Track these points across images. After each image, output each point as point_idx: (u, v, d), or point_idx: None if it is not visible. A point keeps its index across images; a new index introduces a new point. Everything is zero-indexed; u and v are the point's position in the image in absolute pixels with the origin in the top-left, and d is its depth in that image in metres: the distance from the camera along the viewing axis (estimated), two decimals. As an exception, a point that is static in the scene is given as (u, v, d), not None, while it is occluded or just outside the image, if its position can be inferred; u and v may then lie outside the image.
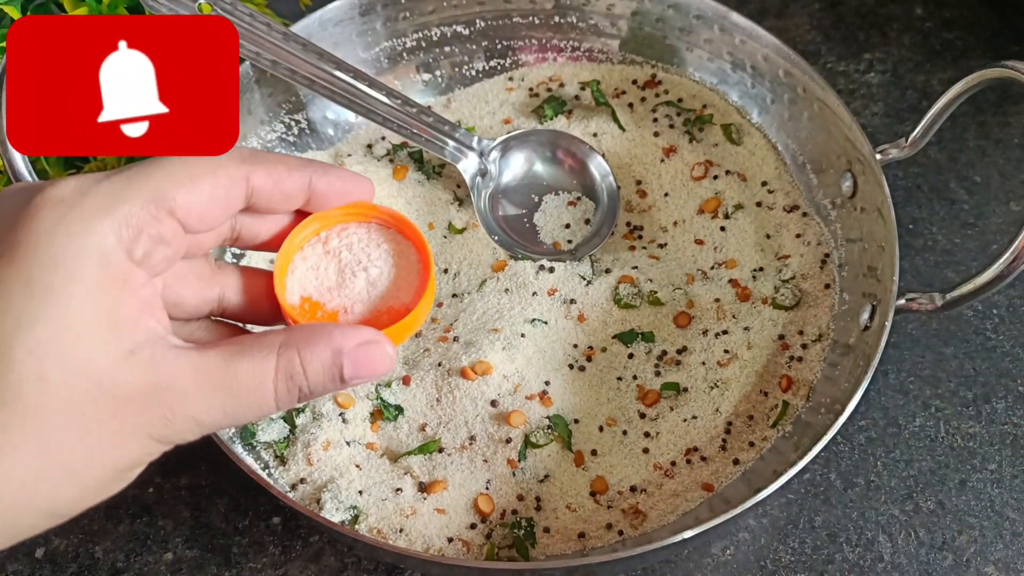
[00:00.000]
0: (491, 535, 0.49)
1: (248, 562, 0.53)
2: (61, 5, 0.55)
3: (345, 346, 0.32)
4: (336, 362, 0.32)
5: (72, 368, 0.29)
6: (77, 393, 0.29)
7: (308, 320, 0.36)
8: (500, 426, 0.50)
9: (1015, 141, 0.67)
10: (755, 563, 0.52)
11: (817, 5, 0.74)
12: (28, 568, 0.53)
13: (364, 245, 0.37)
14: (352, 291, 0.36)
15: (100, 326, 0.29)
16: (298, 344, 0.32)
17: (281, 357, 0.31)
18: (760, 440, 0.51)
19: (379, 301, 0.37)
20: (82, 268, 0.29)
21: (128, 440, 0.30)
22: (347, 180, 0.36)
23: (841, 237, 0.56)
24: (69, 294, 0.29)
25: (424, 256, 0.37)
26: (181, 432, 0.31)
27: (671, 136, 0.61)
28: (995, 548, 0.53)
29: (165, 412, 0.30)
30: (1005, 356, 0.59)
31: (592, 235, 0.58)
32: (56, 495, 0.30)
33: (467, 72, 0.65)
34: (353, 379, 0.32)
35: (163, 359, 0.30)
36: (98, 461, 0.30)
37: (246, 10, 0.53)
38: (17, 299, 0.29)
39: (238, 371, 0.31)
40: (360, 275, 0.37)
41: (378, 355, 0.33)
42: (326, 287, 0.36)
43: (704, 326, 0.54)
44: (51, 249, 0.29)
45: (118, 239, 0.30)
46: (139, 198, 0.30)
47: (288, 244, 0.36)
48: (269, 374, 0.31)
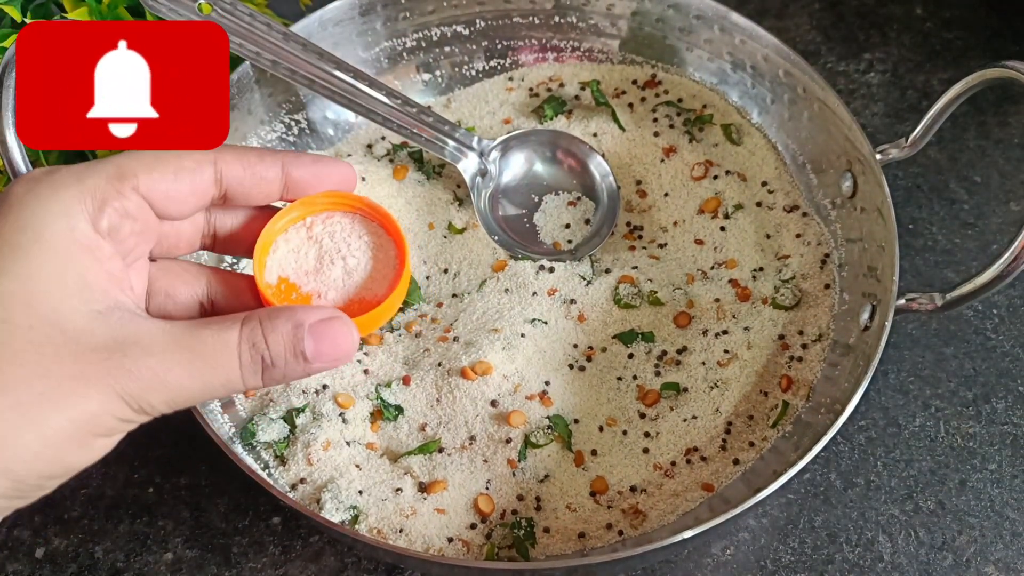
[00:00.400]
0: (491, 535, 0.49)
1: (248, 562, 0.53)
2: (61, 5, 0.55)
3: (306, 320, 0.33)
4: (297, 334, 0.33)
5: (38, 315, 0.30)
6: (39, 336, 0.29)
7: (282, 301, 0.37)
8: (500, 426, 0.50)
9: (1015, 141, 0.67)
10: (755, 563, 0.53)
11: (817, 5, 0.74)
12: (28, 568, 0.53)
13: (346, 235, 0.38)
14: (328, 277, 0.38)
15: (68, 285, 0.30)
16: (260, 316, 0.33)
17: (244, 326, 0.32)
18: (760, 440, 0.51)
19: (353, 290, 0.38)
20: (48, 230, 0.30)
21: (89, 388, 0.30)
22: (322, 164, 0.37)
23: (841, 237, 0.56)
24: (37, 252, 0.30)
25: (401, 252, 0.38)
26: (146, 391, 0.31)
27: (671, 136, 0.61)
28: (995, 548, 0.53)
29: (129, 364, 0.30)
30: (1005, 356, 0.59)
31: (592, 235, 0.58)
32: (16, 442, 0.29)
33: (467, 72, 0.65)
34: (315, 357, 0.33)
35: (131, 320, 0.31)
36: (57, 407, 0.29)
37: (246, 10, 0.53)
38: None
39: (203, 334, 0.32)
40: (338, 263, 0.38)
41: (339, 331, 0.34)
42: (304, 270, 0.38)
43: (704, 326, 0.54)
44: (22, 214, 0.31)
45: (83, 208, 0.31)
46: (103, 173, 0.32)
47: (271, 225, 0.37)
48: (233, 339, 0.32)
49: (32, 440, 0.29)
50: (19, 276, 0.30)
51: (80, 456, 0.31)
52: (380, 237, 0.39)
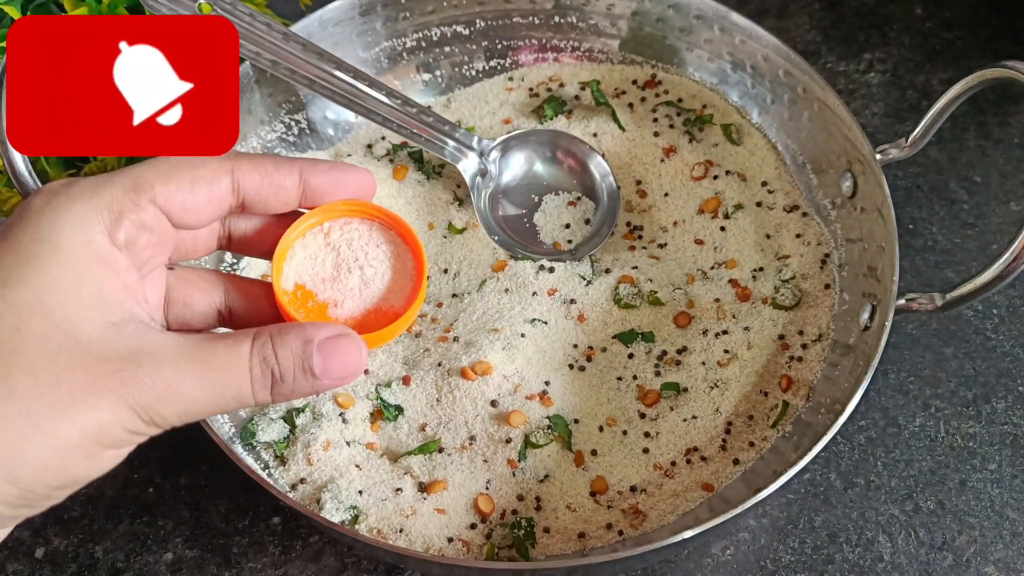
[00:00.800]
0: (491, 535, 0.49)
1: (248, 562, 0.53)
2: (61, 5, 0.55)
3: (316, 336, 0.33)
4: (306, 351, 0.33)
5: (52, 325, 0.30)
6: (53, 346, 0.30)
7: (298, 309, 0.36)
8: (500, 426, 0.50)
9: (1015, 141, 0.67)
10: (755, 563, 0.53)
11: (817, 5, 0.74)
12: (28, 568, 0.53)
13: (364, 243, 0.38)
14: (345, 286, 0.37)
15: (83, 296, 0.31)
16: (271, 332, 0.33)
17: (256, 340, 0.33)
18: (760, 440, 0.51)
19: (370, 301, 0.37)
20: (65, 241, 0.31)
21: (100, 399, 0.30)
22: (340, 171, 0.37)
23: (841, 237, 0.56)
24: (53, 263, 0.30)
25: (419, 264, 0.38)
26: (158, 402, 0.31)
27: (671, 136, 0.61)
28: (995, 548, 0.53)
29: (142, 375, 0.30)
30: (1005, 356, 0.59)
31: (592, 235, 0.58)
32: (25, 451, 0.29)
33: (467, 72, 0.65)
34: (324, 373, 0.33)
35: (145, 332, 0.31)
36: (66, 416, 0.29)
37: (246, 10, 0.53)
38: (5, 265, 0.30)
39: (216, 347, 0.32)
40: (355, 272, 0.37)
41: (348, 349, 0.34)
42: (320, 278, 0.37)
43: (704, 326, 0.54)
44: (40, 226, 0.31)
45: (99, 220, 0.32)
46: (120, 185, 0.32)
47: (290, 232, 0.37)
48: (245, 352, 0.32)
49: (40, 449, 0.29)
50: (35, 286, 0.30)
51: (88, 467, 0.31)
52: (398, 246, 0.38)
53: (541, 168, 0.60)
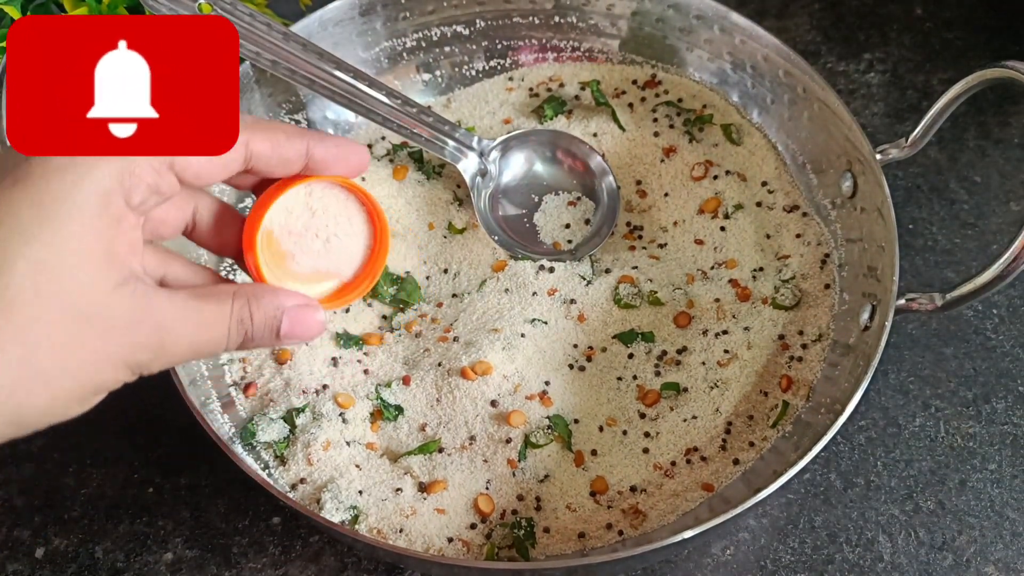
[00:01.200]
0: (491, 535, 0.49)
1: (248, 562, 0.53)
2: (61, 5, 0.55)
3: (286, 304, 0.38)
4: (277, 315, 0.37)
5: (67, 290, 0.32)
6: (68, 313, 0.32)
7: (264, 248, 0.39)
8: (500, 426, 0.50)
9: (1015, 141, 0.67)
10: (755, 563, 0.52)
11: (817, 5, 0.74)
12: (28, 568, 0.53)
13: (337, 212, 0.41)
14: (309, 246, 0.40)
15: (96, 258, 0.33)
16: (248, 295, 0.37)
17: (236, 301, 0.37)
18: (760, 440, 0.51)
19: (324, 265, 0.41)
20: (85, 203, 0.32)
21: (105, 363, 0.33)
22: (343, 147, 0.39)
23: (841, 237, 0.56)
24: (72, 223, 0.32)
25: (381, 243, 0.41)
26: (153, 360, 0.35)
27: (671, 136, 0.61)
28: (995, 548, 0.53)
29: (143, 339, 0.34)
30: (1005, 356, 0.59)
31: (592, 235, 0.58)
32: (28, 402, 0.32)
33: (467, 72, 0.65)
34: (286, 336, 0.38)
35: (145, 294, 0.34)
36: (73, 378, 0.33)
37: (246, 10, 0.53)
38: (26, 220, 0.32)
39: (203, 307, 0.36)
40: (322, 232, 0.40)
41: (311, 317, 0.39)
42: (288, 230, 0.40)
43: (704, 326, 0.54)
44: (62, 183, 0.32)
45: (120, 183, 0.33)
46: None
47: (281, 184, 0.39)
48: (226, 313, 0.36)
49: (44, 401, 0.32)
50: (53, 245, 0.32)
51: (78, 410, 0.34)
52: (367, 224, 0.42)
53: (541, 168, 0.60)
